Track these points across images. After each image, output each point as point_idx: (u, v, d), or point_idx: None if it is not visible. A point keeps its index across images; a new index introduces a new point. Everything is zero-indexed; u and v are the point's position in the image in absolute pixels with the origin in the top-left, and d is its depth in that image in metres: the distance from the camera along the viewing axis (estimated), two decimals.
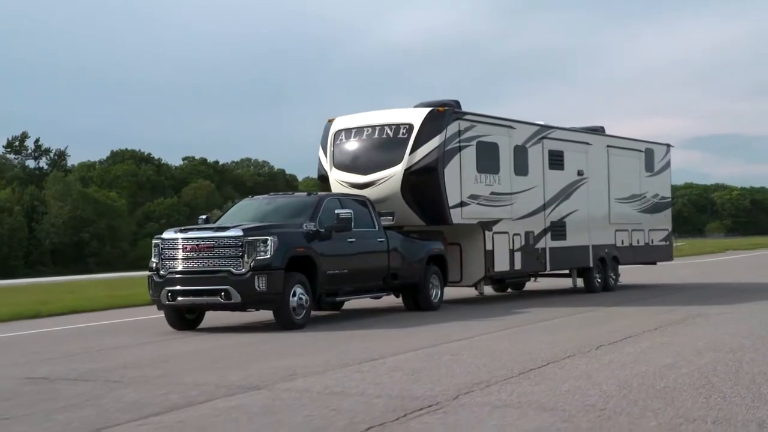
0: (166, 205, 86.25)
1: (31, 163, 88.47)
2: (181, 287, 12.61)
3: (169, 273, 12.70)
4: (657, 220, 22.61)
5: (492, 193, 16.70)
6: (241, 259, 12.34)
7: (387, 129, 15.84)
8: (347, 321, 14.04)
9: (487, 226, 16.52)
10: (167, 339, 12.26)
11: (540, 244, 18.10)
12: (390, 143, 15.70)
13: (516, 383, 7.78)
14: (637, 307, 15.56)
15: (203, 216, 15.02)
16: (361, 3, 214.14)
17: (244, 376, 8.60)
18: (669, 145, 23.50)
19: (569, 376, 8.07)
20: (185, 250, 12.62)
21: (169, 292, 12.66)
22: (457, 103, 16.31)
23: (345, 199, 14.35)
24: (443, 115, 15.66)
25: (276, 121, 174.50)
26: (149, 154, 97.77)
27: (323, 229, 13.31)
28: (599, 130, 21.03)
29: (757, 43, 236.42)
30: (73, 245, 74.85)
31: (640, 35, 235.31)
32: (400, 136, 15.62)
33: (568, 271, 19.80)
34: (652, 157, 22.48)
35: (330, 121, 16.78)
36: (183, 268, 12.63)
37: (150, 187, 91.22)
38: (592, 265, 19.65)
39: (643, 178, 22.07)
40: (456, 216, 15.73)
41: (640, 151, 22.11)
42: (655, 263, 23.80)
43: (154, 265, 12.94)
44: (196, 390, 7.89)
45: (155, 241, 13.14)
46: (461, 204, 15.85)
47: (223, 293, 12.37)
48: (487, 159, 16.60)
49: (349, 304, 15.56)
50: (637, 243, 21.66)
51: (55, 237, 74.42)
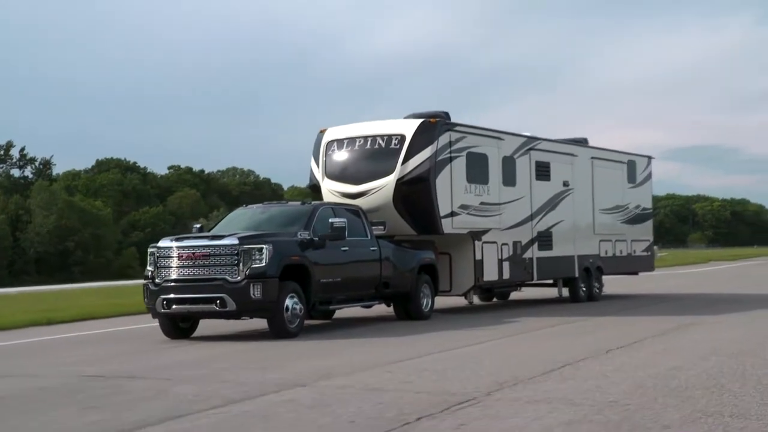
0: (151, 213, 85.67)
1: (16, 172, 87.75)
2: (177, 295, 12.45)
3: (165, 281, 12.55)
4: (639, 230, 22.62)
5: (481, 203, 16.64)
6: (236, 268, 12.20)
7: (379, 140, 15.76)
8: (341, 330, 13.91)
9: (476, 235, 16.44)
10: (187, 344, 12.40)
11: (527, 254, 18.03)
12: (382, 154, 15.61)
13: (540, 382, 8.10)
14: (629, 317, 15.48)
15: (197, 225, 14.81)
16: (345, 13, 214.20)
17: (282, 375, 8.91)
18: (650, 157, 23.56)
19: (588, 377, 8.39)
20: (181, 259, 12.46)
21: (164, 300, 12.50)
22: (446, 115, 16.24)
23: (338, 209, 14.24)
24: (435, 126, 15.60)
25: (261, 130, 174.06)
26: (134, 162, 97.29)
27: (317, 238, 13.18)
28: (582, 142, 21.02)
29: (734, 56, 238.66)
30: (58, 254, 74.05)
31: (622, 47, 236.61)
32: (392, 146, 15.54)
33: (552, 280, 19.74)
34: (634, 168, 22.52)
35: (322, 132, 16.67)
36: (178, 277, 12.47)
37: (135, 195, 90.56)
38: (577, 275, 19.60)
39: (626, 189, 22.09)
40: (447, 226, 15.65)
41: (623, 162, 22.14)
42: (637, 273, 23.84)
43: (150, 274, 12.78)
44: (245, 387, 8.22)
45: (151, 249, 12.97)
46: (452, 214, 15.77)
47: (218, 301, 12.22)
48: (477, 169, 16.54)
49: (339, 313, 15.43)
50: (620, 253, 21.64)
51: (40, 246, 73.58)
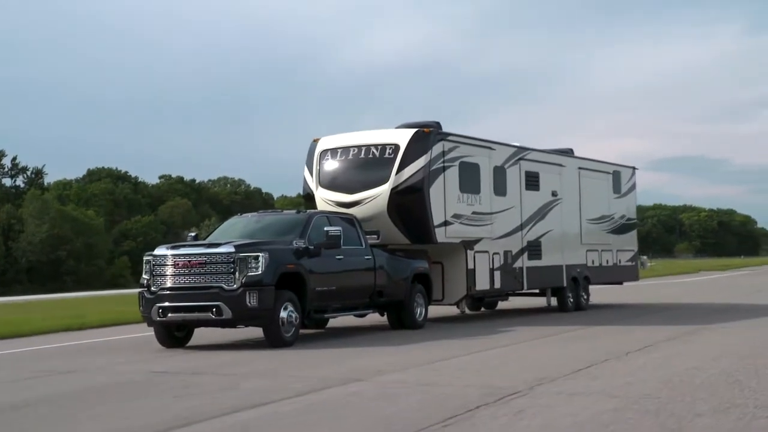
0: (143, 223, 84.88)
1: (7, 182, 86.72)
2: (172, 303, 12.11)
3: (160, 289, 12.21)
4: (624, 240, 22.42)
5: (474, 212, 16.37)
6: (232, 276, 11.90)
7: (373, 149, 15.47)
8: (339, 339, 13.60)
9: (469, 245, 16.17)
10: (228, 346, 12.56)
11: (517, 264, 17.76)
12: (376, 163, 15.33)
13: (573, 379, 8.33)
14: (630, 326, 15.11)
15: (192, 233, 14.48)
16: (335, 23, 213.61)
17: (337, 372, 9.10)
18: (634, 168, 23.41)
19: (615, 375, 8.64)
20: (176, 267, 12.13)
21: (159, 308, 12.16)
22: (438, 124, 16.00)
23: (333, 217, 13.97)
24: (428, 135, 15.35)
25: (251, 140, 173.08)
26: (126, 172, 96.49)
27: (312, 246, 12.88)
28: (568, 152, 20.80)
29: (723, 66, 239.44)
30: (50, 263, 73.16)
31: (611, 57, 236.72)
32: (387, 156, 15.26)
33: (539, 290, 19.42)
34: (619, 179, 22.33)
35: (315, 141, 16.37)
36: (174, 285, 12.15)
37: (127, 205, 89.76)
38: (565, 284, 19.34)
39: (612, 199, 21.89)
40: (440, 235, 15.37)
41: (608, 173, 21.96)
42: (621, 283, 23.59)
43: (145, 282, 12.44)
44: (309, 381, 8.37)
45: (146, 257, 12.64)
46: (445, 223, 15.50)
47: (214, 309, 11.90)
48: (469, 179, 16.28)
49: (332, 323, 15.14)
50: (606, 263, 21.41)
51: (32, 255, 72.69)
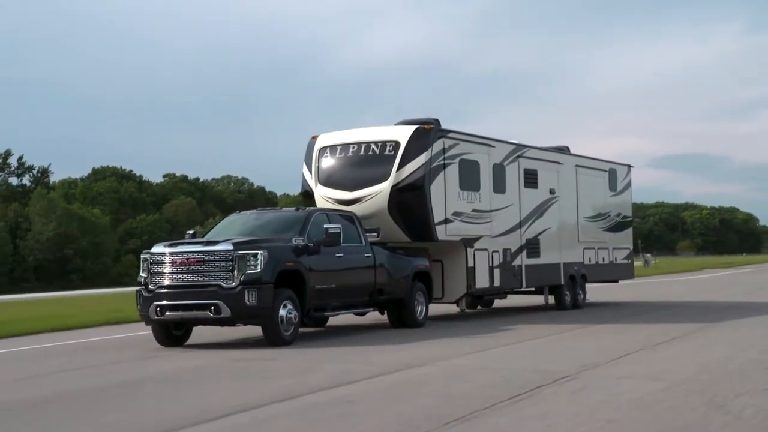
0: (148, 221, 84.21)
1: (14, 181, 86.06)
2: (170, 302, 11.62)
3: (158, 287, 11.72)
4: (620, 238, 21.93)
5: (473, 210, 15.88)
6: (231, 274, 11.41)
7: (373, 146, 14.97)
8: (341, 337, 13.13)
9: (469, 243, 15.69)
10: (254, 341, 12.47)
11: (516, 261, 17.27)
12: (376, 160, 14.82)
13: (614, 366, 8.32)
14: (636, 324, 14.60)
15: (191, 231, 13.97)
16: (336, 22, 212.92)
17: (390, 360, 9.11)
18: (630, 166, 22.92)
19: (653, 362, 8.67)
20: (174, 265, 11.64)
21: (157, 306, 11.67)
22: (437, 122, 15.50)
23: (333, 215, 13.48)
24: (429, 132, 14.85)
25: (255, 138, 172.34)
26: (130, 171, 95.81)
27: (312, 244, 12.40)
28: (564, 150, 20.30)
29: (723, 64, 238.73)
30: (57, 262, 72.60)
31: (612, 56, 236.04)
32: (387, 153, 14.76)
33: (535, 288, 18.86)
34: (615, 177, 21.85)
35: (314, 138, 15.84)
36: (172, 283, 11.65)
37: (132, 203, 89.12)
38: (563, 282, 18.86)
39: (608, 197, 21.41)
40: (441, 233, 14.88)
41: (605, 171, 21.47)
42: (617, 281, 23.09)
43: (143, 280, 11.93)
44: (375, 366, 8.48)
45: (144, 255, 12.14)
46: (446, 221, 15.01)
47: (212, 308, 11.42)
48: (469, 177, 15.80)
49: (331, 321, 14.72)
50: (603, 261, 20.92)
51: (39, 253, 72.14)
